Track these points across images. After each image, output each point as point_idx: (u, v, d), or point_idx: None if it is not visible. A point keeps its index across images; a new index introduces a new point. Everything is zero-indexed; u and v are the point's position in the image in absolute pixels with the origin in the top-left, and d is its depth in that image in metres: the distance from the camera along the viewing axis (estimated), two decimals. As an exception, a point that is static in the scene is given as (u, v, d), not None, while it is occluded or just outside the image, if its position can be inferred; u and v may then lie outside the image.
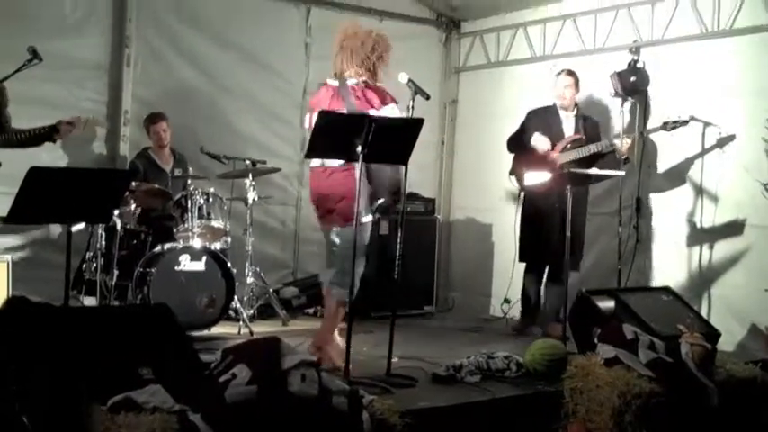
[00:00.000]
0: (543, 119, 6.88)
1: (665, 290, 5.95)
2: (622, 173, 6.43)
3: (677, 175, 6.79)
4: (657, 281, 6.70)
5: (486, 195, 8.15)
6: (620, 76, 6.82)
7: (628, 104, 6.84)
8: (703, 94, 6.63)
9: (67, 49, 6.80)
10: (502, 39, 8.36)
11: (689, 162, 6.72)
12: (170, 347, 3.97)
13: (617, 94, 6.82)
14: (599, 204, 7.13)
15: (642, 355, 4.87)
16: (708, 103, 6.58)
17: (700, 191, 6.65)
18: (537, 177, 6.61)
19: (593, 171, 6.30)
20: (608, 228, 7.00)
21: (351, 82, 5.42)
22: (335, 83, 5.48)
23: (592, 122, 6.87)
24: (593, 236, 7.11)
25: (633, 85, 6.81)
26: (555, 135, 6.76)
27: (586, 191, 6.76)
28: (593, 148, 6.59)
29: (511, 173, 7.01)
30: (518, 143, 6.93)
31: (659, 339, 5.04)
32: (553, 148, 6.71)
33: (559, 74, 6.91)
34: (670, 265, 6.75)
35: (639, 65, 6.88)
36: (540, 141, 6.72)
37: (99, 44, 7.09)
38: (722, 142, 6.50)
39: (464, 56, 8.80)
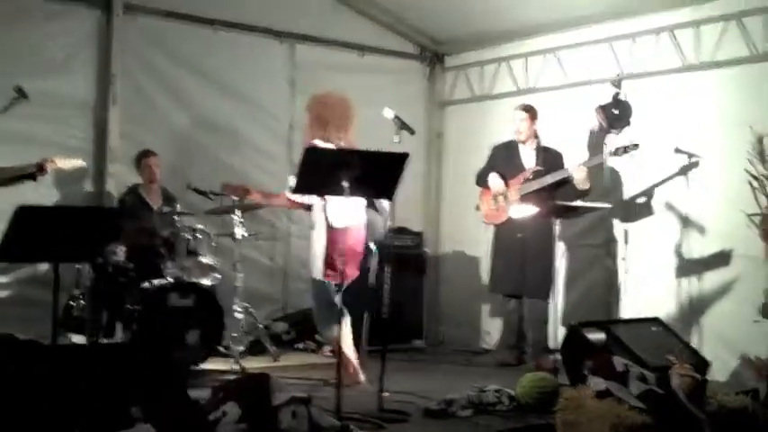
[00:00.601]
0: (505, 153, 7.10)
1: (655, 321, 5.95)
2: (609, 205, 6.46)
3: (663, 207, 6.83)
4: (646, 312, 6.69)
5: (474, 228, 8.15)
6: (604, 109, 6.88)
7: (612, 136, 6.87)
8: (686, 126, 6.69)
9: (53, 87, 6.80)
10: (486, 72, 8.43)
11: (674, 194, 6.76)
12: (159, 386, 3.93)
13: (601, 128, 6.87)
14: (587, 236, 7.17)
15: (633, 386, 4.86)
16: (690, 134, 6.65)
17: (686, 222, 6.68)
18: (523, 210, 6.67)
19: (580, 203, 6.33)
20: (596, 259, 7.03)
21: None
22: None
23: (553, 153, 6.99)
24: (581, 268, 7.14)
25: (617, 117, 6.86)
26: (516, 168, 6.94)
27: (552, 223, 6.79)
28: (548, 179, 6.72)
29: (477, 207, 7.19)
30: (483, 178, 7.13)
31: (649, 371, 5.04)
32: (513, 181, 6.90)
33: (516, 110, 7.07)
34: (659, 295, 6.75)
35: (622, 97, 6.94)
36: (494, 182, 6.99)
37: (84, 82, 7.10)
38: (705, 174, 6.55)
39: (449, 89, 8.87)
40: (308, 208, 5.77)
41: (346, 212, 5.68)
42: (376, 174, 4.98)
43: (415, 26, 8.66)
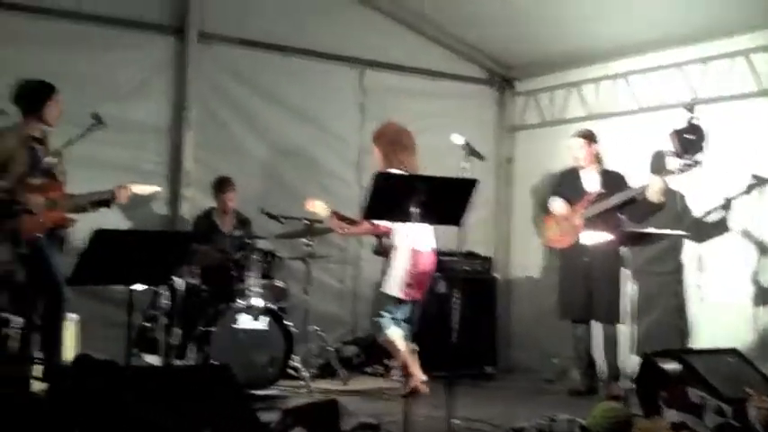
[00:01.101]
0: (567, 179, 7.10)
1: (732, 352, 5.79)
2: (684, 233, 6.35)
3: (739, 234, 6.68)
4: (722, 342, 6.54)
5: (544, 253, 8.09)
6: (678, 134, 6.77)
7: (687, 162, 6.75)
8: (761, 151, 6.54)
9: (129, 113, 6.99)
10: (556, 97, 8.38)
11: (749, 220, 6.60)
12: (230, 408, 3.97)
13: (675, 153, 6.75)
14: (657, 262, 7.04)
15: (709, 419, 4.78)
16: (766, 160, 6.48)
17: (763, 249, 6.52)
18: (595, 237, 6.60)
19: (653, 230, 6.23)
20: (669, 287, 6.89)
21: None
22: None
23: (614, 175, 6.92)
24: (653, 295, 7.01)
25: (691, 142, 6.74)
26: (579, 193, 6.93)
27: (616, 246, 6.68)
28: (613, 200, 6.64)
29: (539, 233, 7.21)
30: (545, 205, 7.18)
31: (726, 403, 4.92)
32: (577, 206, 6.85)
33: (572, 136, 7.05)
34: (736, 325, 6.59)
35: (696, 122, 6.82)
36: (556, 206, 6.98)
37: (159, 108, 7.29)
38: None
39: (519, 114, 8.83)
40: (386, 234, 5.88)
41: (426, 237, 5.91)
42: (444, 200, 4.99)
43: (485, 51, 8.66)
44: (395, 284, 5.84)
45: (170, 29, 7.31)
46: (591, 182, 6.93)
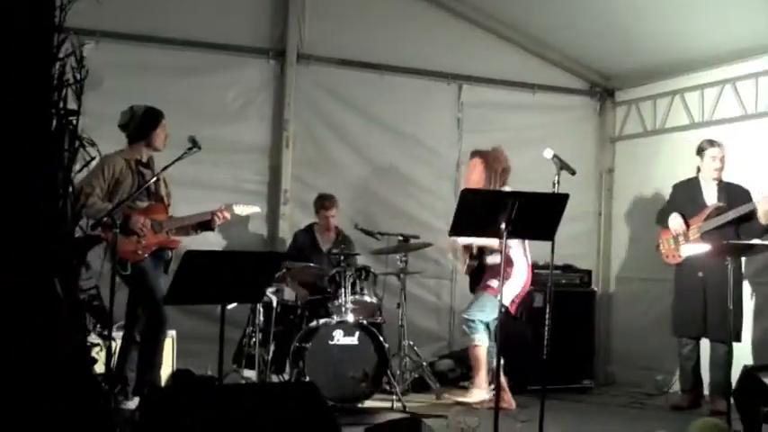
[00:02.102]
0: (686, 191, 6.85)
1: (839, 365, 5.58)
2: (787, 242, 6.11)
3: None
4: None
5: (646, 266, 7.92)
6: (787, 141, 6.55)
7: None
8: None
9: (230, 134, 7.23)
10: (658, 106, 8.21)
11: None
12: (315, 426, 4.04)
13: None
14: (764, 274, 6.81)
15: (811, 437, 4.59)
16: None
17: None
18: (694, 249, 6.45)
19: (755, 242, 6.03)
20: (773, 299, 6.66)
21: None
22: None
23: (738, 189, 6.67)
24: (761, 306, 6.79)
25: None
26: (698, 206, 6.70)
27: (740, 261, 6.48)
28: (731, 214, 6.44)
29: (657, 247, 6.94)
30: (664, 218, 6.89)
31: (829, 419, 4.74)
32: (694, 219, 6.66)
33: (709, 147, 6.73)
34: None
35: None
36: (673, 222, 6.74)
37: (259, 127, 7.51)
38: None
39: (619, 124, 8.69)
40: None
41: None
42: (535, 215, 4.97)
43: (584, 62, 8.57)
44: (509, 296, 6.17)
45: (270, 51, 7.52)
46: (711, 194, 6.73)
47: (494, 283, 6.08)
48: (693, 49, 7.49)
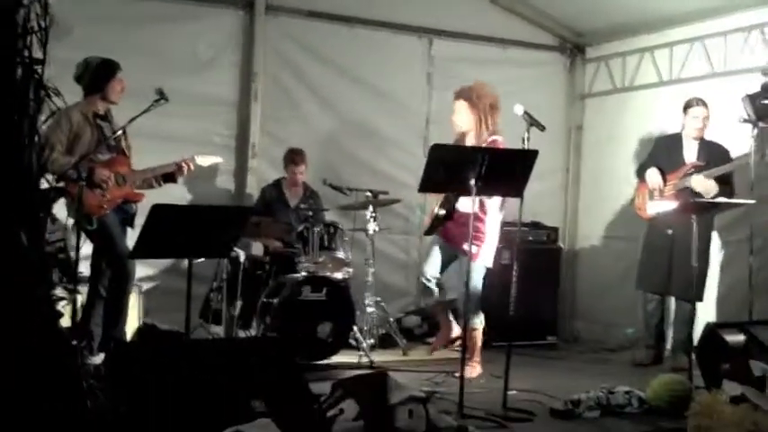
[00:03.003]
0: (667, 146, 6.88)
1: (800, 322, 5.67)
2: (752, 201, 6.17)
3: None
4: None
5: (613, 224, 7.99)
6: (752, 99, 6.55)
7: (759, 130, 6.55)
8: None
9: (198, 86, 7.10)
10: (628, 63, 8.21)
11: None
12: (282, 381, 4.05)
13: (748, 119, 6.54)
14: (730, 231, 6.88)
15: (771, 392, 4.67)
16: None
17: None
18: (662, 206, 6.49)
19: (721, 200, 6.08)
20: (739, 256, 6.73)
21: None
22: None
23: (718, 149, 6.70)
24: (722, 265, 6.88)
25: (766, 108, 6.53)
26: (676, 163, 6.72)
27: (710, 220, 6.55)
28: (715, 172, 6.47)
29: (633, 200, 7.02)
30: (642, 171, 6.93)
31: (790, 376, 4.82)
32: (672, 175, 6.70)
33: (695, 105, 6.74)
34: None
35: (774, 86, 6.60)
36: (651, 177, 6.75)
37: (227, 80, 7.38)
38: None
39: (589, 81, 8.68)
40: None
41: None
42: (505, 171, 4.96)
43: (556, 18, 8.52)
44: (490, 255, 6.05)
45: (238, 2, 7.38)
46: (691, 152, 6.75)
47: (473, 248, 5.61)
48: (663, 7, 7.48)
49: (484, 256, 6.03)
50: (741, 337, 5.34)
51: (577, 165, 8.71)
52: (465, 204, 5.77)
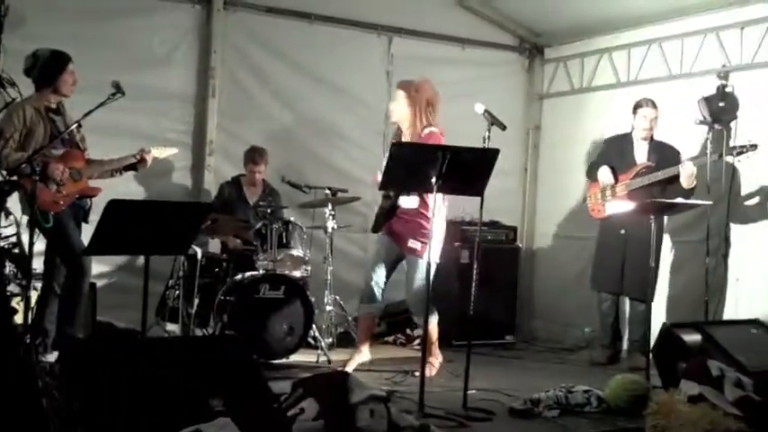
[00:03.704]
0: (618, 147, 6.90)
1: (755, 322, 5.74)
2: (709, 202, 6.23)
3: (766, 205, 6.56)
4: (749, 314, 6.45)
5: (570, 223, 8.03)
6: (708, 101, 6.63)
7: (714, 132, 6.62)
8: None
9: (154, 81, 7.00)
10: (586, 64, 8.26)
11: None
12: (241, 379, 3.99)
13: (704, 121, 6.62)
14: (685, 232, 6.95)
15: (728, 392, 4.71)
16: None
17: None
18: (620, 206, 6.53)
19: (679, 200, 6.13)
20: (694, 257, 6.80)
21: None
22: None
23: (669, 149, 6.76)
24: (678, 265, 6.95)
25: (721, 110, 6.60)
26: (627, 163, 6.76)
27: (661, 221, 6.59)
28: (659, 175, 6.51)
29: (584, 200, 7.06)
30: (594, 171, 6.94)
31: (747, 376, 4.87)
32: (623, 176, 6.71)
33: (645, 106, 6.78)
34: (759, 296, 6.49)
35: (728, 90, 6.68)
36: (603, 175, 6.77)
37: (184, 75, 7.28)
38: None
39: (547, 82, 8.73)
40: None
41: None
42: (466, 170, 4.94)
43: (515, 18, 8.54)
44: (436, 251, 5.76)
45: (196, -4, 7.30)
46: (641, 153, 6.80)
47: (415, 244, 5.77)
48: (622, 9, 7.54)
49: (427, 251, 5.85)
50: (698, 337, 5.40)
51: (535, 164, 8.75)
52: (406, 201, 5.80)
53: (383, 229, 5.99)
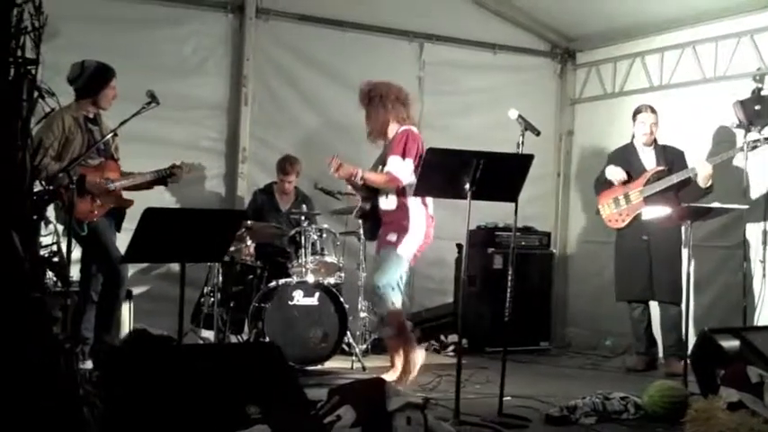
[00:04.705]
0: (622, 157, 6.87)
1: (794, 329, 5.66)
2: (745, 207, 6.17)
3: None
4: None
5: (603, 228, 7.94)
6: (744, 104, 6.58)
7: (752, 135, 6.56)
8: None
9: (187, 90, 7.07)
10: (618, 69, 8.21)
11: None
12: (278, 387, 4.00)
13: (740, 125, 6.56)
14: (718, 237, 6.88)
15: (769, 399, 4.63)
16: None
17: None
18: (655, 211, 6.47)
19: (716, 205, 6.06)
20: (730, 262, 6.73)
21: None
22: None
23: (675, 152, 6.73)
24: (713, 271, 6.87)
25: (757, 113, 6.55)
26: (636, 170, 6.72)
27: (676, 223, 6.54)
28: (674, 178, 6.47)
29: (597, 212, 7.01)
30: (599, 182, 6.94)
31: (787, 382, 4.79)
32: (634, 183, 6.68)
33: (643, 111, 6.76)
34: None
35: (764, 93, 6.61)
36: (613, 173, 6.73)
37: (217, 84, 7.34)
38: None
39: (580, 87, 8.69)
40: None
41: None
42: (500, 175, 4.92)
43: (547, 23, 8.53)
44: (411, 248, 5.75)
45: (228, 5, 7.34)
46: (648, 158, 6.76)
47: (392, 237, 5.72)
48: (655, 13, 7.50)
49: (404, 245, 5.74)
50: (736, 343, 5.32)
51: (568, 169, 8.72)
52: (385, 202, 5.81)
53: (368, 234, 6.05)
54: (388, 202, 5.80)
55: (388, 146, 5.86)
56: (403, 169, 5.68)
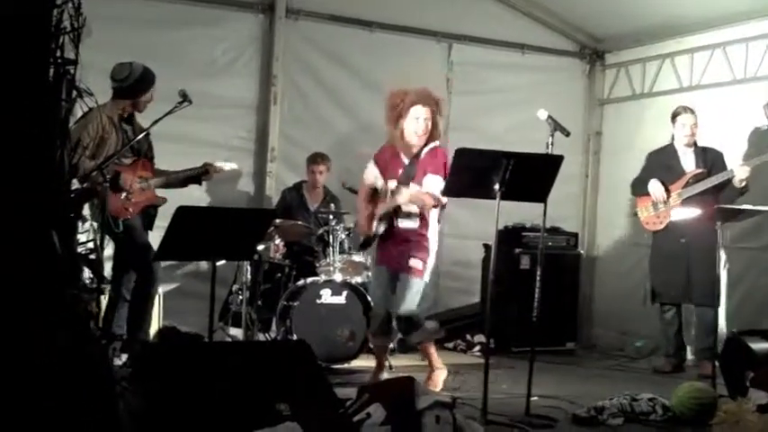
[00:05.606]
0: (662, 159, 6.85)
1: (823, 331, 5.61)
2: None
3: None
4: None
5: (631, 229, 7.95)
6: (774, 107, 6.54)
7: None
8: None
9: (217, 89, 7.10)
10: (647, 69, 8.18)
11: None
12: (307, 384, 4.02)
13: (771, 126, 6.53)
14: (747, 239, 6.84)
15: (799, 401, 4.62)
16: None
17: None
18: (685, 212, 6.46)
19: (747, 207, 6.04)
20: (758, 263, 6.69)
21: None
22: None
23: (714, 153, 6.71)
24: (741, 272, 6.84)
25: (787, 116, 6.51)
26: (675, 173, 6.70)
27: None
28: (713, 180, 6.45)
29: (635, 213, 6.99)
30: (640, 186, 6.89)
31: (817, 385, 4.77)
32: (674, 185, 6.65)
33: (683, 113, 6.73)
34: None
35: (795, 94, 6.58)
36: (655, 189, 6.68)
37: (247, 83, 7.39)
38: None
39: (608, 87, 8.67)
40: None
41: None
42: (529, 176, 4.93)
43: (575, 24, 8.51)
44: (431, 268, 5.65)
45: (258, 5, 7.38)
46: (688, 160, 6.73)
47: (417, 263, 5.49)
48: (684, 13, 7.46)
49: (428, 270, 5.64)
50: (765, 345, 5.31)
51: (596, 170, 8.70)
52: (406, 221, 5.55)
53: (376, 258, 5.83)
54: (410, 221, 5.57)
55: (423, 161, 5.55)
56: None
